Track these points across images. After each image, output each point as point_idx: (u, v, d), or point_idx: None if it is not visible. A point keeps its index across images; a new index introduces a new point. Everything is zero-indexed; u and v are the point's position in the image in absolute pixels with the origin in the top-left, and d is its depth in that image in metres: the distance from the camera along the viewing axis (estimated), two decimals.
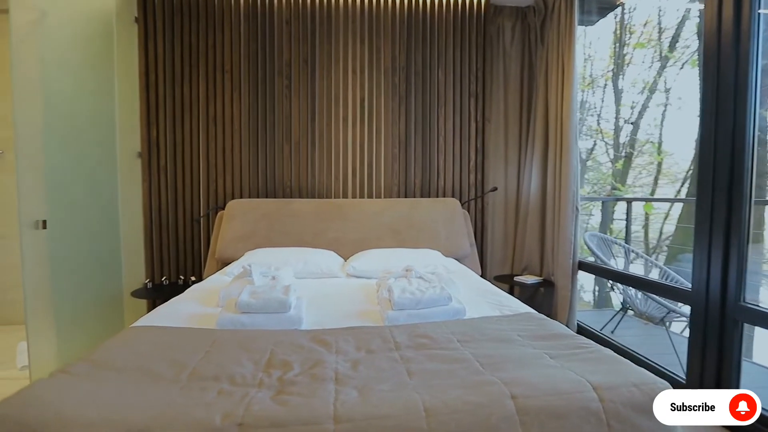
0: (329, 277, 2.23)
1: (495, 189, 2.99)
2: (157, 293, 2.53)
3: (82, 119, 2.20)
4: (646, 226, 5.45)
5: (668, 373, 2.02)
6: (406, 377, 1.03)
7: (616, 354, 1.14)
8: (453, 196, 3.01)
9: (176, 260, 2.78)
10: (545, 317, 1.48)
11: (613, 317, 2.76)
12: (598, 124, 5.92)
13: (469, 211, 3.02)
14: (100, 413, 0.83)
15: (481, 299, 1.77)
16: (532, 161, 2.98)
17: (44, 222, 1.84)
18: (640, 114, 4.73)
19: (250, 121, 2.80)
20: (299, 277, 2.16)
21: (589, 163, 6.26)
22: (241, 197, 2.82)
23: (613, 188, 4.60)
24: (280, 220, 2.65)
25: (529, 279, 2.82)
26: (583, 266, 2.71)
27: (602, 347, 1.18)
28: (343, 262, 2.42)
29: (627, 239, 3.25)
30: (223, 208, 2.72)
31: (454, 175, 3.01)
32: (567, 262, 2.67)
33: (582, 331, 2.71)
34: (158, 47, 2.69)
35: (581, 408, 0.89)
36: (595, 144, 6.07)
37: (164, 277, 2.71)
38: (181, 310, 1.57)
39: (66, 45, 2.07)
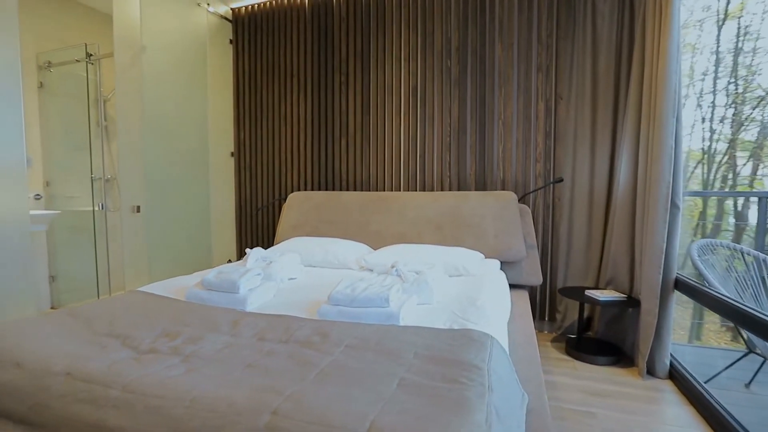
0: (343, 268, 2.26)
1: (560, 180, 2.42)
2: None
3: (179, 127, 2.80)
4: None
5: None
6: (240, 368, 1.02)
7: (481, 401, 0.84)
8: (515, 189, 2.59)
9: (256, 243, 3.27)
10: (480, 339, 1.17)
11: (734, 363, 1.89)
12: None
13: (534, 207, 2.55)
14: (6, 344, 1.12)
15: (451, 307, 1.52)
16: (624, 145, 2.30)
17: (138, 207, 2.47)
18: None
19: (313, 119, 3.05)
20: (312, 266, 2.28)
21: None
22: (305, 189, 3.10)
23: None
24: (329, 211, 2.81)
25: (602, 295, 2.20)
26: (681, 286, 1.96)
27: (478, 388, 0.89)
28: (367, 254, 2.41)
29: None
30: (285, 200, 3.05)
31: (516, 164, 2.59)
32: (655, 278, 1.98)
33: (675, 375, 1.97)
34: (245, 62, 3.20)
35: None
36: None
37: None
38: (180, 283, 1.87)
39: (164, 67, 2.66)
